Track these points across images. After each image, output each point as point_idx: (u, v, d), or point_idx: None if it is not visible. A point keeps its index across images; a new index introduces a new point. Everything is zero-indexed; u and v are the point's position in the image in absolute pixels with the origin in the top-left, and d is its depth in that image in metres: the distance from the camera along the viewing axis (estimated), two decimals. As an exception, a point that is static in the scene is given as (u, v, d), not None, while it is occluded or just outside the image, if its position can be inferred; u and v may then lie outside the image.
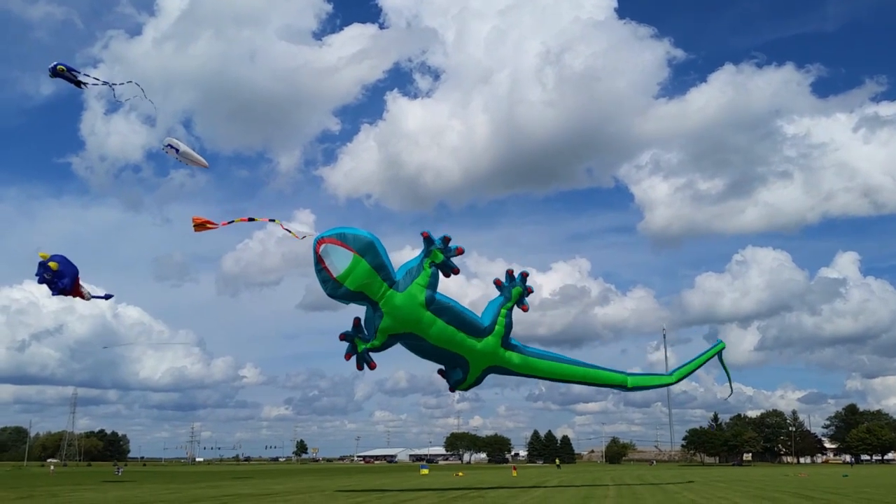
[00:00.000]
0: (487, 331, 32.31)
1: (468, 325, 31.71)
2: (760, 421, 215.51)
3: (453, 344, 31.68)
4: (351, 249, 28.66)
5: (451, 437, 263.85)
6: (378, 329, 30.40)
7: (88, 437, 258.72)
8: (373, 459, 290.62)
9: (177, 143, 37.43)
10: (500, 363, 33.83)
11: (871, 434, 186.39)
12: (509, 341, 33.73)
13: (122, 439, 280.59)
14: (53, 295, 35.50)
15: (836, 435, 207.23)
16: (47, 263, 34.41)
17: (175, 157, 37.99)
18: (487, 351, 32.92)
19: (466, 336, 31.65)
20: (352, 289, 29.08)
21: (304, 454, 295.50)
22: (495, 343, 32.93)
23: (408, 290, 29.77)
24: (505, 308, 33.11)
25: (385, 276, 29.56)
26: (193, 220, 37.62)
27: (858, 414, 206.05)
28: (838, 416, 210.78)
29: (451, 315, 30.99)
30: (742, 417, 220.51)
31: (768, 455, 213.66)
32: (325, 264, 28.68)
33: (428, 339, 30.92)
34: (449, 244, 30.03)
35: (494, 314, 32.96)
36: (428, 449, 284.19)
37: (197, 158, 38.23)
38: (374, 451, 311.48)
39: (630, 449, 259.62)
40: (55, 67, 34.03)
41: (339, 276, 28.77)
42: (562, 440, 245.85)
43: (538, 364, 35.57)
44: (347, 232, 29.06)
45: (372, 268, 29.18)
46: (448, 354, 32.13)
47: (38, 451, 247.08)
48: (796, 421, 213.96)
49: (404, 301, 29.55)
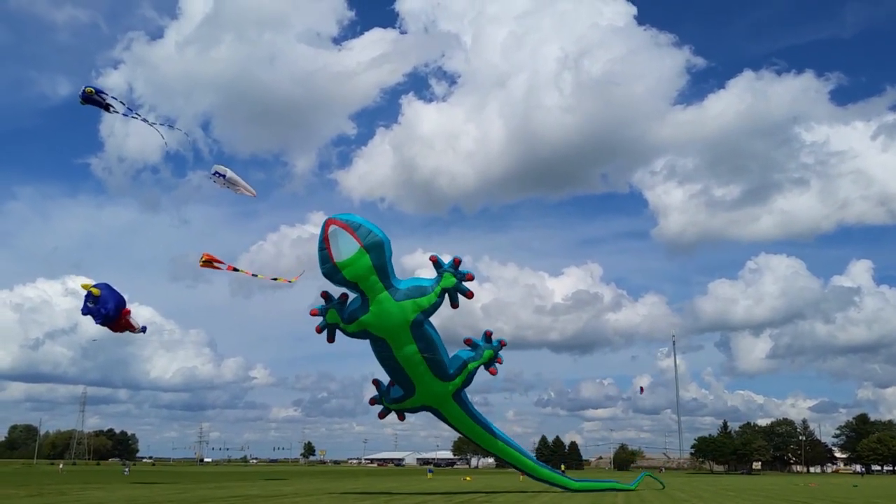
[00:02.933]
0: (448, 378, 32.18)
1: (437, 363, 31.60)
2: (770, 429, 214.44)
3: (414, 371, 31.59)
4: (359, 242, 28.26)
5: (459, 441, 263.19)
6: (357, 319, 30.16)
7: (97, 436, 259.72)
8: (386, 463, 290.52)
9: (224, 170, 37.53)
10: (442, 410, 33.98)
11: (882, 444, 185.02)
12: (461, 395, 33.73)
13: (131, 438, 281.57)
14: (98, 323, 34.88)
15: (846, 444, 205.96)
16: (90, 292, 34.08)
17: (222, 185, 37.99)
18: (438, 393, 32.90)
19: (429, 370, 31.52)
20: (348, 278, 28.82)
21: (312, 456, 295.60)
22: (448, 391, 32.89)
23: (403, 304, 29.44)
24: (472, 365, 32.83)
25: (383, 278, 29.27)
26: (203, 256, 37.72)
27: (869, 424, 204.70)
28: (849, 426, 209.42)
29: (427, 345, 30.79)
30: (752, 426, 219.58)
31: (778, 464, 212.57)
32: (329, 245, 28.29)
33: (395, 353, 30.75)
34: (459, 267, 29.65)
35: (459, 367, 32.68)
36: (435, 453, 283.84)
37: (244, 186, 38.29)
38: (382, 454, 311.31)
39: (639, 456, 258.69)
40: (84, 91, 33.97)
41: (338, 262, 28.38)
42: (570, 446, 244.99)
43: (474, 429, 35.81)
44: (362, 224, 28.61)
45: (373, 266, 28.85)
46: (403, 375, 31.97)
47: (48, 450, 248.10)
48: (806, 430, 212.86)
49: (394, 311, 29.28)
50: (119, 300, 35.35)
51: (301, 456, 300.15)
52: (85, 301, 34.55)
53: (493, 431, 36.71)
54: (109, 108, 36.12)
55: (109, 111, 36.34)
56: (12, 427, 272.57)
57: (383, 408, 33.66)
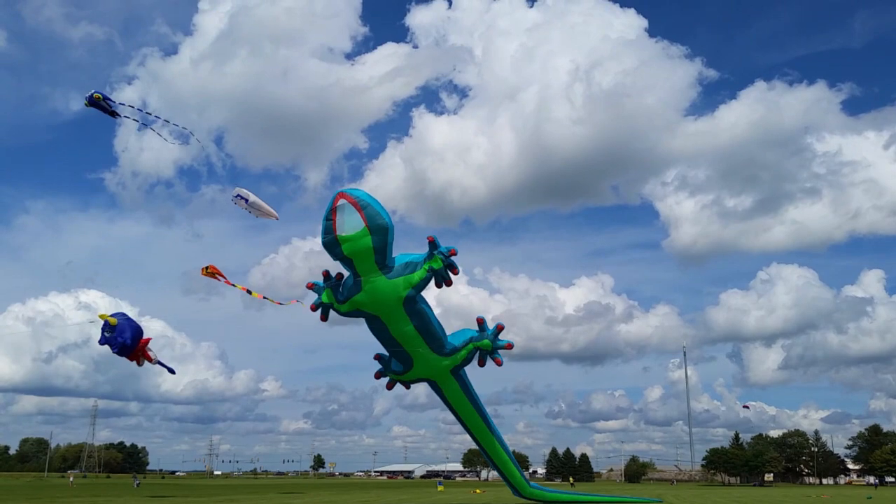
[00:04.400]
0: (447, 352, 32.08)
1: (432, 336, 31.50)
2: (782, 441, 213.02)
3: (410, 347, 31.57)
4: (365, 221, 28.15)
5: (469, 454, 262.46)
6: (350, 298, 30.17)
7: (108, 449, 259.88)
8: (396, 475, 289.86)
9: (246, 194, 37.54)
10: (440, 384, 33.92)
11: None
12: (460, 373, 33.65)
13: (141, 451, 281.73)
14: (115, 353, 35.15)
15: (858, 456, 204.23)
16: (107, 321, 34.29)
17: (243, 207, 38.02)
18: (436, 367, 32.85)
19: (425, 344, 31.47)
20: (346, 253, 28.78)
21: (322, 468, 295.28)
22: (447, 366, 32.81)
23: (394, 281, 29.44)
24: (474, 344, 32.61)
25: (380, 260, 29.19)
26: (209, 267, 37.80)
27: (882, 434, 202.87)
28: (861, 437, 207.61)
29: (420, 321, 30.77)
30: (764, 437, 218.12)
31: (790, 475, 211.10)
32: (335, 217, 28.24)
33: (391, 330, 30.73)
34: (452, 257, 29.79)
35: (463, 343, 32.55)
36: (445, 465, 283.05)
37: (267, 209, 38.33)
38: (392, 467, 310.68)
39: (650, 468, 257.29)
40: (91, 96, 34.16)
41: (340, 236, 28.22)
42: (580, 458, 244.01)
43: (469, 410, 35.86)
44: (371, 204, 28.34)
45: (373, 248, 28.73)
46: (400, 350, 31.96)
47: (59, 463, 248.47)
48: (818, 441, 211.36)
49: (386, 289, 29.22)
50: (136, 330, 35.54)
51: (311, 468, 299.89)
52: (102, 331, 34.72)
53: (488, 420, 36.68)
54: (115, 114, 36.25)
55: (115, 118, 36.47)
56: (23, 440, 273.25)
57: (389, 379, 33.64)
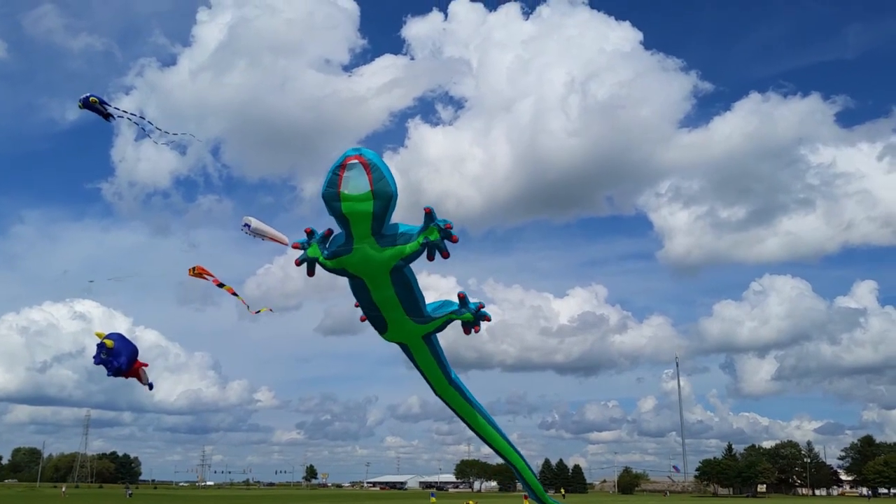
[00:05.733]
0: (422, 319, 32.03)
1: (412, 305, 31.55)
2: (775, 452, 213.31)
3: (388, 312, 31.76)
4: (371, 185, 27.78)
5: (462, 465, 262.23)
6: (338, 257, 30.08)
7: (101, 459, 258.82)
8: (387, 486, 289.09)
9: (250, 220, 37.95)
10: (412, 349, 33.86)
11: (889, 466, 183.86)
12: (432, 339, 33.59)
13: (133, 462, 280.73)
14: (109, 375, 35.50)
15: (851, 467, 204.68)
16: (103, 342, 34.54)
17: (252, 236, 38.33)
18: (409, 332, 32.91)
19: (403, 311, 31.54)
20: (343, 211, 28.53)
21: (314, 479, 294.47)
22: (420, 332, 32.78)
23: (386, 249, 29.33)
24: (451, 315, 32.55)
25: (376, 226, 29.00)
26: (196, 268, 38.04)
27: (875, 445, 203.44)
28: (854, 448, 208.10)
29: (403, 289, 30.86)
30: (757, 448, 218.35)
31: (783, 487, 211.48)
32: (342, 174, 27.92)
33: (372, 294, 30.84)
34: (449, 230, 29.62)
35: (440, 313, 32.44)
36: (438, 476, 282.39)
37: (273, 234, 38.57)
38: (384, 478, 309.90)
39: (643, 479, 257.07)
40: (87, 99, 34.36)
41: (342, 193, 27.89)
42: (574, 469, 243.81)
43: (438, 375, 35.69)
44: (382, 170, 27.91)
45: (372, 212, 28.55)
46: (377, 314, 32.07)
47: (51, 472, 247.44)
48: (811, 452, 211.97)
49: (376, 255, 29.05)
50: (132, 353, 35.82)
51: (303, 479, 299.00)
52: (98, 351, 35.03)
53: (459, 386, 36.51)
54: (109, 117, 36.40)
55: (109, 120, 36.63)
56: (16, 450, 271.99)
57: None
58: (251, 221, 38.64)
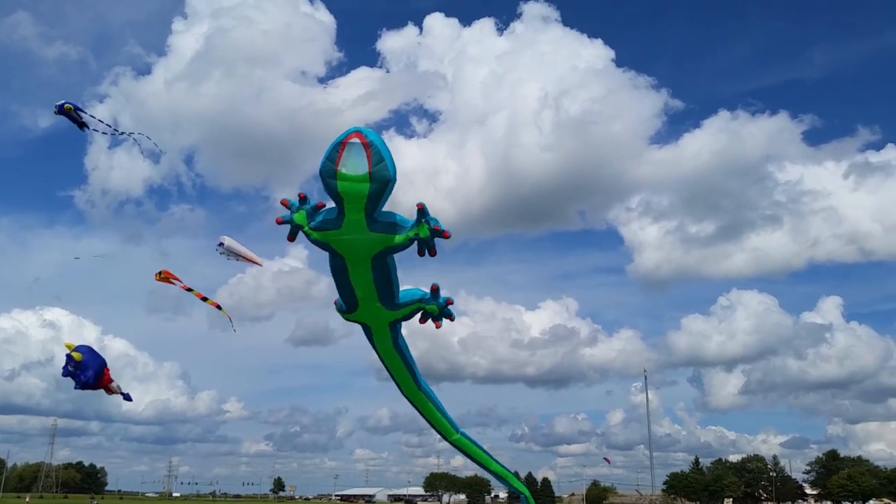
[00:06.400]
0: (393, 306, 32.06)
1: (386, 292, 31.55)
2: (742, 465, 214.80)
3: (361, 293, 31.60)
4: (369, 167, 27.20)
5: (431, 478, 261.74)
6: (325, 230, 29.79)
7: (66, 469, 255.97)
8: (357, 499, 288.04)
9: (223, 239, 37.78)
10: (374, 333, 33.65)
11: (852, 481, 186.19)
12: (396, 326, 33.57)
13: (100, 472, 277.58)
14: (76, 388, 35.37)
15: (816, 481, 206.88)
16: (71, 355, 34.55)
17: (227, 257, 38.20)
18: (377, 316, 32.77)
19: (377, 297, 31.52)
20: (338, 189, 27.99)
21: (282, 492, 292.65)
22: (387, 318, 32.65)
23: (374, 236, 28.97)
24: (419, 305, 32.44)
25: (370, 209, 28.46)
26: (162, 272, 38.00)
27: (839, 460, 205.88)
28: (819, 462, 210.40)
29: (382, 276, 30.83)
30: (723, 462, 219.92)
31: (749, 500, 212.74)
32: (341, 153, 27.26)
33: (349, 273, 30.75)
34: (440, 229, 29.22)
35: (410, 301, 32.32)
36: (407, 489, 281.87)
37: (248, 255, 38.45)
38: (353, 490, 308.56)
39: (611, 492, 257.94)
40: (62, 106, 34.40)
41: (339, 171, 27.32)
42: (542, 482, 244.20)
43: (397, 362, 35.47)
44: (382, 153, 27.20)
45: (367, 195, 28.04)
46: (350, 293, 31.86)
47: (15, 482, 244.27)
48: (777, 466, 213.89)
49: (363, 238, 28.77)
50: (100, 366, 35.89)
51: (270, 491, 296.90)
52: (66, 363, 35.12)
53: (415, 373, 36.32)
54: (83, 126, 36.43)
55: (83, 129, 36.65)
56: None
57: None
58: (225, 240, 38.68)
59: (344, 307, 33.88)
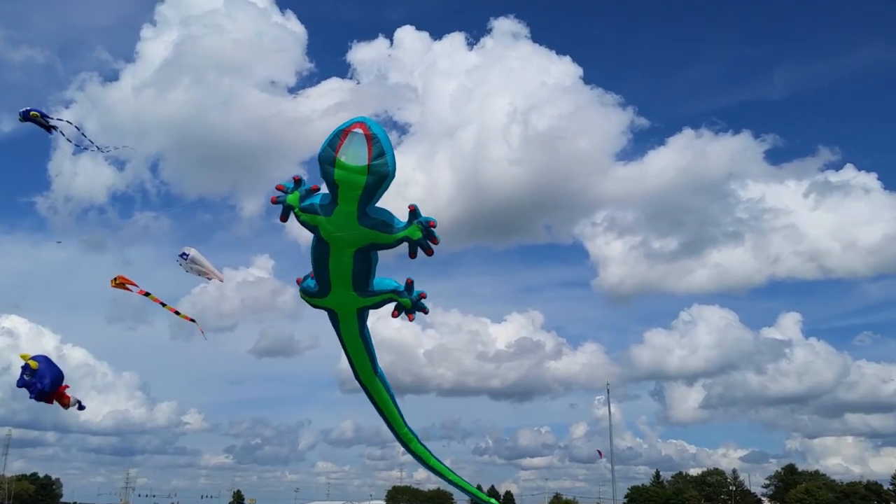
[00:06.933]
0: (365, 293, 31.37)
1: (361, 283, 30.90)
2: (702, 479, 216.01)
3: (337, 278, 30.80)
4: (369, 160, 26.61)
5: (393, 491, 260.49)
6: (314, 214, 29.26)
7: (20, 481, 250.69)
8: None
9: (188, 250, 36.88)
10: (341, 320, 32.74)
11: (810, 495, 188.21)
12: (364, 314, 32.86)
13: (55, 483, 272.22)
14: (32, 398, 34.52)
15: (775, 495, 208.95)
16: (28, 364, 33.86)
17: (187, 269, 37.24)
18: (346, 302, 31.91)
19: (351, 285, 30.80)
20: (335, 178, 27.47)
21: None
22: (357, 304, 31.75)
23: (363, 230, 28.40)
24: (391, 295, 31.60)
25: (364, 201, 27.85)
26: (117, 278, 37.31)
27: (797, 474, 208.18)
28: (777, 476, 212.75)
29: (361, 268, 30.23)
30: (684, 475, 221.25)
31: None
32: (342, 141, 26.64)
33: (330, 259, 30.06)
34: (432, 228, 28.36)
35: (381, 290, 31.46)
36: (369, 502, 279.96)
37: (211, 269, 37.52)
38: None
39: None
40: (28, 112, 33.88)
41: (339, 160, 26.61)
42: (505, 496, 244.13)
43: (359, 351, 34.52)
44: (383, 146, 26.48)
45: (363, 187, 27.27)
46: (326, 277, 31.10)
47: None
48: (736, 480, 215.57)
49: (351, 231, 28.07)
50: (56, 376, 35.04)
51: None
52: (21, 373, 34.34)
53: (374, 362, 35.57)
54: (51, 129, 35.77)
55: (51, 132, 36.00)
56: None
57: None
58: (191, 252, 37.76)
59: (313, 289, 32.50)
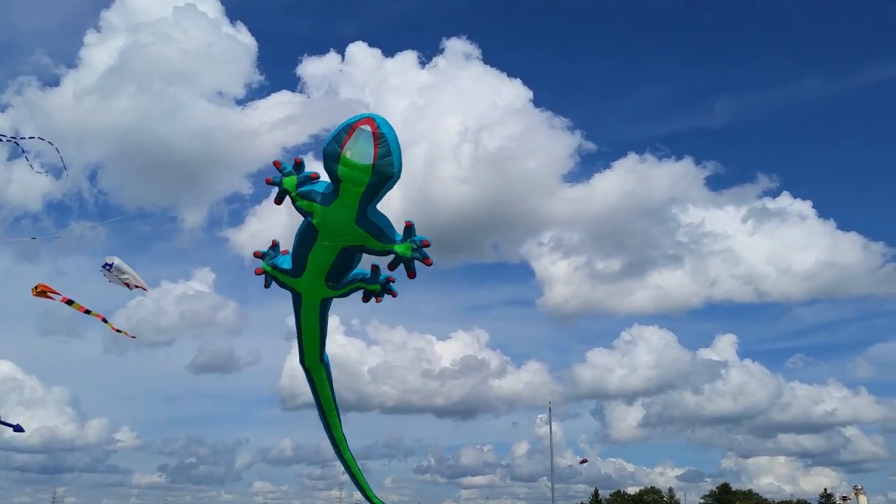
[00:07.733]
0: (335, 286, 29.25)
1: (339, 275, 29.01)
2: (639, 498, 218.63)
3: (314, 265, 28.96)
4: (374, 160, 24.56)
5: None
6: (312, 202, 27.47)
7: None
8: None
9: (112, 259, 36.09)
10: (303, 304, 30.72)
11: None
12: (328, 304, 30.75)
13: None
14: None
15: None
16: None
17: (109, 279, 36.46)
18: (314, 290, 29.84)
19: (325, 273, 29.39)
20: (338, 174, 25.91)
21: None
22: (324, 293, 29.84)
23: (357, 231, 26.40)
24: (359, 285, 29.30)
25: (365, 200, 25.89)
26: (38, 286, 36.70)
27: (731, 493, 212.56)
28: (712, 495, 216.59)
29: (343, 263, 28.35)
30: (622, 494, 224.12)
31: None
32: (349, 137, 24.76)
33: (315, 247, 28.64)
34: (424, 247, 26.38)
35: (348, 282, 29.24)
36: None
37: (136, 278, 36.88)
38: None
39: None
40: None
41: (343, 156, 24.36)
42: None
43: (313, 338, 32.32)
44: (391, 147, 24.97)
45: (366, 185, 25.22)
46: (304, 261, 29.33)
47: None
48: (673, 499, 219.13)
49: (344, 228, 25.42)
50: None
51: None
52: None
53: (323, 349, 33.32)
54: None
55: None
56: None
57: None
58: (115, 261, 37.29)
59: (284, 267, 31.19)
